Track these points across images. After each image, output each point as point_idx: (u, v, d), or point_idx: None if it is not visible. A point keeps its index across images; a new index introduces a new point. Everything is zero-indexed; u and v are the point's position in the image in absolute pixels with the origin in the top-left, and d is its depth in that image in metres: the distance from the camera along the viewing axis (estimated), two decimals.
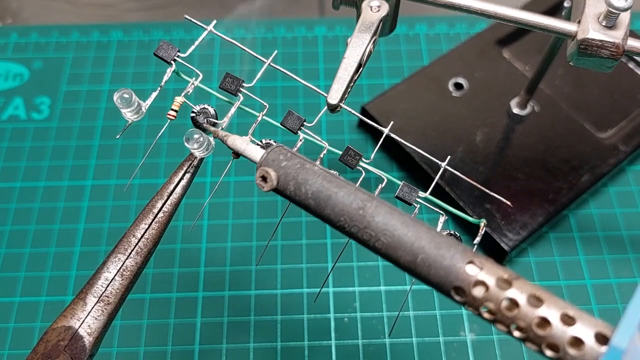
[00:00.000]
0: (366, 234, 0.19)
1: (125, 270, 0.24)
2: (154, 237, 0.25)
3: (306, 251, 0.41)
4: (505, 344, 0.37)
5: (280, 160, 0.21)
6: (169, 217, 0.25)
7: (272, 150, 0.21)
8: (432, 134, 0.43)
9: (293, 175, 0.20)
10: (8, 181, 0.43)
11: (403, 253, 0.19)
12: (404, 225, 0.19)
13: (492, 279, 0.18)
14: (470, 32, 0.51)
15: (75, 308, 0.23)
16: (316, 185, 0.20)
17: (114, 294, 0.24)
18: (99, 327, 0.23)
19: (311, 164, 0.21)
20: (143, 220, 0.25)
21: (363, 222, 0.19)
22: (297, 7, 0.58)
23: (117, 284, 0.24)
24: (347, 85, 0.26)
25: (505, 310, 0.18)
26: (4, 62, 0.50)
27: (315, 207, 0.20)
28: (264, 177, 0.21)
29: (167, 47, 0.25)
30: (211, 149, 0.25)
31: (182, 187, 0.25)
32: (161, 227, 0.25)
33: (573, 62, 0.28)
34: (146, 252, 0.24)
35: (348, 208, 0.20)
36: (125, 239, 0.25)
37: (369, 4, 0.28)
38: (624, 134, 0.43)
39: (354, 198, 0.20)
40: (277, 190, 0.21)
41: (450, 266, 0.18)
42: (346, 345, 0.37)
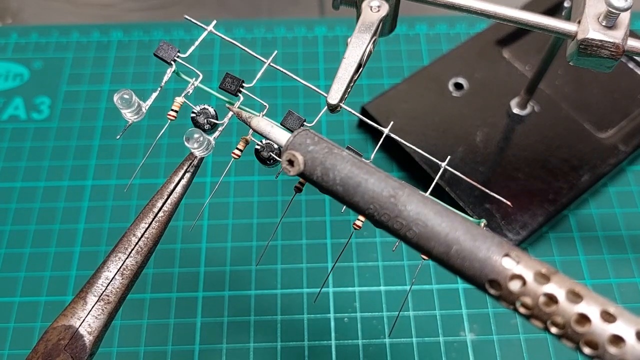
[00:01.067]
0: (397, 223, 0.19)
1: (125, 269, 0.24)
2: (154, 236, 0.25)
3: (306, 251, 0.41)
4: (505, 344, 0.37)
5: (307, 144, 0.20)
6: (169, 217, 0.25)
7: (299, 134, 0.20)
8: (432, 134, 0.43)
9: (320, 160, 0.20)
10: (8, 181, 0.43)
11: (436, 244, 0.18)
12: (438, 215, 0.19)
13: (529, 273, 0.17)
14: (470, 32, 0.51)
15: (76, 307, 0.23)
16: (345, 171, 0.19)
17: (114, 292, 0.24)
18: (99, 326, 0.23)
19: (339, 149, 0.20)
20: (143, 219, 0.25)
21: (394, 210, 0.19)
22: (297, 7, 0.58)
23: (118, 282, 0.24)
24: (347, 85, 0.26)
25: (542, 306, 0.17)
26: (4, 62, 0.50)
27: (344, 194, 0.20)
28: (290, 160, 0.20)
29: (167, 47, 0.25)
30: (211, 148, 0.25)
31: (182, 187, 0.25)
32: (161, 227, 0.25)
33: (573, 62, 0.28)
34: (146, 251, 0.25)
35: (378, 196, 0.19)
36: (126, 238, 0.25)
37: (369, 4, 0.28)
38: (624, 133, 0.43)
39: (385, 185, 0.19)
40: (304, 175, 0.20)
41: (486, 258, 0.18)
42: (346, 345, 0.37)
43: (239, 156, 0.25)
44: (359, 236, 0.41)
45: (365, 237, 0.41)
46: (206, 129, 0.26)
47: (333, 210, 0.42)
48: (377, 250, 0.41)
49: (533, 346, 0.37)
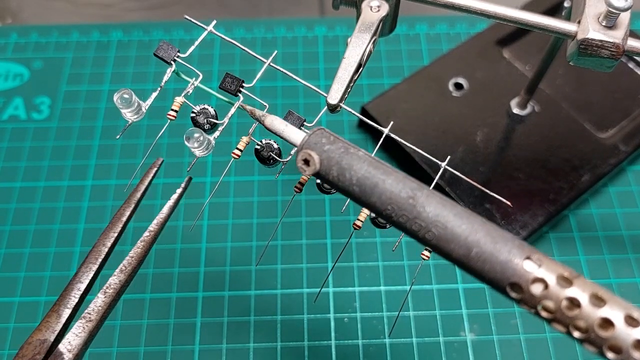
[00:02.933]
0: (415, 225, 0.19)
1: (108, 288, 0.24)
2: (139, 255, 0.25)
3: (306, 251, 0.41)
4: (506, 344, 0.37)
5: (323, 144, 0.20)
6: (154, 237, 0.26)
7: (314, 133, 0.20)
8: (432, 134, 0.43)
9: (337, 159, 0.19)
10: (8, 181, 0.43)
11: (456, 246, 0.18)
12: (457, 217, 0.18)
13: (552, 277, 0.17)
14: (470, 32, 0.51)
15: (50, 321, 0.23)
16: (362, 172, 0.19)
17: (96, 311, 0.24)
18: (79, 344, 0.23)
19: (355, 149, 0.20)
20: (112, 229, 0.25)
21: (413, 212, 0.19)
22: (297, 7, 0.58)
23: (100, 301, 0.24)
24: (347, 85, 0.26)
25: (565, 310, 0.17)
26: (4, 62, 0.50)
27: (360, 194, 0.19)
28: (306, 160, 0.20)
29: (167, 47, 0.25)
30: (211, 148, 0.25)
31: (168, 208, 0.26)
32: (146, 246, 0.25)
33: (573, 62, 0.28)
34: (130, 270, 0.25)
35: (396, 197, 0.19)
36: (96, 249, 0.25)
37: (369, 4, 0.28)
38: (625, 133, 0.43)
39: (403, 186, 0.19)
40: (319, 175, 0.20)
41: (507, 261, 0.17)
42: (346, 346, 0.37)
43: (239, 156, 0.25)
44: (359, 236, 0.41)
45: (366, 237, 0.41)
46: (206, 129, 0.26)
47: (333, 210, 0.42)
48: (377, 250, 0.41)
49: (533, 346, 0.37)
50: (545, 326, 0.38)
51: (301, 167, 0.20)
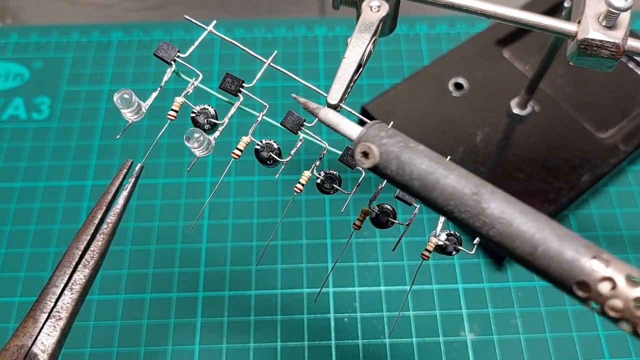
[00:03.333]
0: (479, 221, 0.18)
1: (74, 284, 0.24)
2: (100, 248, 0.25)
3: (306, 251, 0.41)
4: (506, 344, 0.37)
5: (382, 137, 0.19)
6: (113, 228, 0.25)
7: (372, 126, 0.20)
8: (432, 134, 0.43)
9: (396, 153, 0.19)
10: (8, 181, 0.43)
11: (521, 244, 0.18)
12: (523, 214, 0.18)
13: (620, 276, 0.17)
14: (470, 32, 0.51)
15: (27, 326, 0.23)
16: (422, 166, 0.19)
17: (64, 308, 0.24)
18: (52, 342, 0.23)
19: (415, 143, 0.20)
20: (84, 232, 0.25)
21: (476, 208, 0.18)
22: (297, 7, 0.58)
23: (67, 298, 0.24)
24: (347, 85, 0.26)
25: (634, 309, 0.17)
26: (4, 62, 0.50)
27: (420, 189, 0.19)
28: (365, 152, 0.19)
29: (167, 47, 0.25)
30: (211, 148, 0.25)
31: (123, 198, 0.26)
32: (107, 239, 0.25)
33: (573, 62, 0.28)
34: (93, 264, 0.25)
35: (459, 193, 0.18)
36: (69, 252, 0.25)
37: (369, 4, 0.28)
38: (625, 133, 0.43)
39: (466, 182, 0.19)
40: (377, 169, 0.19)
41: (574, 260, 0.17)
42: (346, 346, 0.37)
43: (239, 156, 0.25)
44: (359, 236, 0.41)
45: (366, 237, 0.41)
46: (206, 129, 0.26)
47: (333, 210, 0.42)
48: (377, 250, 0.41)
49: (533, 346, 0.37)
50: (545, 326, 0.38)
51: (359, 160, 0.20)
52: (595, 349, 0.37)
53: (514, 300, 0.39)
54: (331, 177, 0.25)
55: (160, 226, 0.41)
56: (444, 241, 0.25)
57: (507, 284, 0.39)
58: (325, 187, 0.26)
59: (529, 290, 0.39)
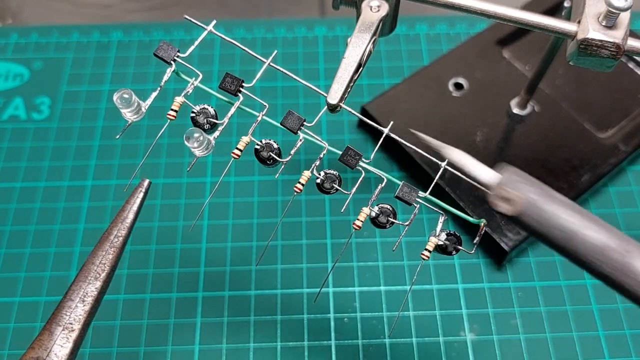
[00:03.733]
0: (624, 276, 0.18)
1: (86, 296, 0.25)
2: (110, 261, 0.25)
3: (306, 251, 0.41)
4: (506, 344, 0.37)
5: (522, 183, 0.19)
6: (124, 241, 0.26)
7: (510, 171, 0.19)
8: (432, 134, 0.42)
9: (538, 202, 0.18)
10: (8, 181, 0.43)
11: None
12: None
13: None
14: (470, 32, 0.51)
15: (42, 339, 0.24)
16: (564, 216, 0.18)
17: (77, 320, 0.24)
18: (65, 354, 0.24)
19: (554, 192, 0.19)
20: (101, 248, 0.26)
21: (622, 263, 0.17)
22: (297, 7, 0.58)
23: (80, 310, 0.24)
24: (347, 85, 0.26)
25: None
26: (4, 62, 0.50)
27: (562, 241, 0.18)
28: (507, 199, 0.19)
29: (167, 47, 0.25)
30: (211, 148, 0.25)
31: (133, 212, 0.26)
32: (117, 252, 0.26)
33: (573, 62, 0.28)
34: (105, 276, 0.25)
35: (604, 247, 0.18)
36: (86, 268, 0.25)
37: (368, 4, 0.28)
38: (625, 133, 0.43)
39: (610, 235, 0.18)
40: (518, 217, 0.19)
41: None
42: (346, 346, 0.37)
43: (239, 156, 0.25)
44: (359, 236, 0.41)
45: (366, 237, 0.41)
46: (206, 129, 0.26)
47: (333, 211, 0.42)
48: (377, 250, 0.41)
49: (533, 346, 0.37)
50: (545, 326, 0.38)
51: (500, 205, 0.19)
52: (596, 349, 0.37)
53: (514, 300, 0.39)
54: (331, 177, 0.25)
55: (160, 226, 0.41)
56: (444, 241, 0.25)
57: (507, 284, 0.39)
58: (325, 187, 0.26)
59: (529, 291, 0.39)
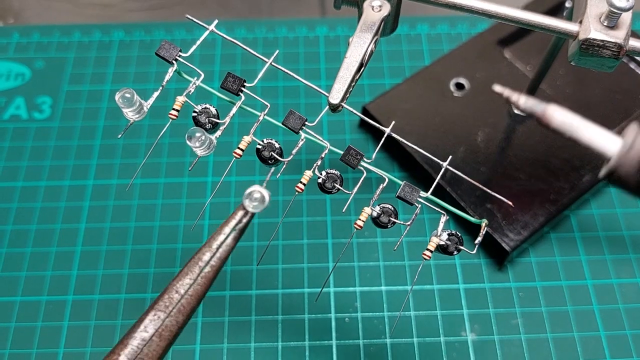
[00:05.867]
0: None
1: (164, 330, 0.21)
2: (198, 293, 0.22)
3: (307, 251, 0.41)
4: (507, 344, 0.37)
5: None
6: (216, 271, 0.22)
7: None
8: (433, 134, 0.43)
9: None
10: (9, 181, 0.44)
11: None
12: None
13: None
14: (471, 32, 0.51)
15: None
16: None
17: (149, 356, 0.21)
18: None
19: None
20: (188, 274, 0.22)
21: None
22: (299, 7, 0.58)
23: (155, 345, 0.21)
24: (348, 85, 0.26)
25: None
26: (5, 61, 0.50)
27: None
28: None
29: (169, 46, 0.25)
30: (213, 147, 0.25)
31: (232, 239, 0.23)
32: (207, 283, 0.22)
33: (574, 62, 0.28)
34: (189, 310, 0.22)
35: None
36: (167, 295, 0.22)
37: (370, 4, 0.28)
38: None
39: None
40: None
41: None
42: (347, 345, 0.37)
43: (240, 156, 0.25)
44: (360, 236, 0.41)
45: (367, 237, 0.41)
46: (208, 128, 0.26)
47: (334, 210, 0.42)
48: (378, 250, 0.41)
49: (534, 346, 0.37)
50: (546, 326, 0.38)
51: None
52: (597, 349, 0.37)
53: (515, 300, 0.39)
54: (332, 176, 0.25)
55: (162, 226, 0.41)
56: (446, 241, 0.25)
57: (508, 284, 0.39)
58: (326, 186, 0.26)
59: (530, 291, 0.39)
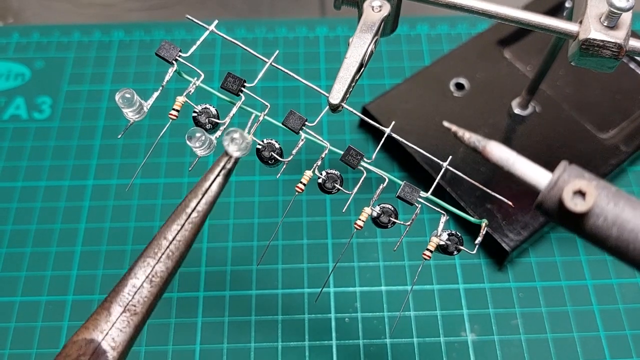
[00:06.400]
0: None
1: (154, 276, 0.21)
2: (187, 239, 0.22)
3: (307, 251, 0.41)
4: (506, 345, 0.37)
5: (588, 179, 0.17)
6: (203, 218, 0.23)
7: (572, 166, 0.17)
8: (433, 134, 0.43)
9: (609, 202, 0.16)
10: (9, 181, 0.43)
11: None
12: None
13: None
14: (471, 32, 0.51)
15: (99, 319, 0.20)
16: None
17: (141, 302, 0.21)
18: (124, 339, 0.20)
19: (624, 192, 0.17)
20: (175, 220, 0.22)
21: None
22: (299, 7, 0.58)
23: (146, 291, 0.21)
24: (348, 85, 0.26)
25: None
26: (5, 61, 0.50)
27: None
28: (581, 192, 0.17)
29: (169, 46, 0.25)
30: (213, 147, 0.25)
31: (218, 185, 0.23)
32: (195, 229, 0.22)
33: (574, 63, 0.28)
34: (178, 255, 0.22)
35: None
36: (155, 242, 0.22)
37: (370, 4, 0.28)
38: (625, 134, 0.43)
39: None
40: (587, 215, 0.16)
41: None
42: (347, 345, 0.37)
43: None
44: (360, 236, 0.41)
45: (367, 237, 0.41)
46: (208, 129, 0.26)
47: (334, 211, 0.42)
48: (378, 251, 0.41)
49: (534, 347, 0.37)
50: (546, 327, 0.38)
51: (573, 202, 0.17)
52: (597, 349, 0.37)
53: (515, 300, 0.39)
54: (332, 176, 0.25)
55: (161, 226, 0.41)
56: (446, 241, 0.25)
57: (508, 284, 0.39)
58: (326, 186, 0.26)
59: (530, 291, 0.39)
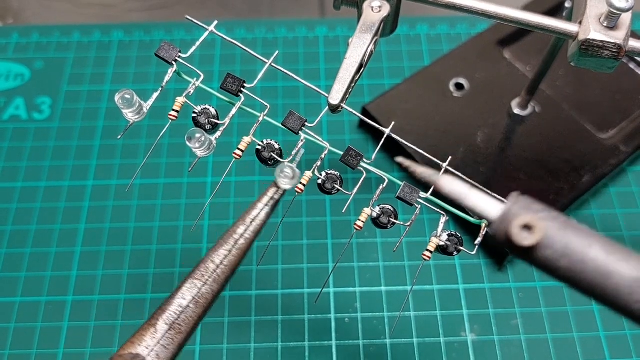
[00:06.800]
0: None
1: (200, 297, 0.23)
2: (232, 263, 0.24)
3: (307, 251, 0.41)
4: (506, 345, 0.37)
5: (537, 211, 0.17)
6: (249, 244, 0.24)
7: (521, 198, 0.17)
8: (433, 135, 0.43)
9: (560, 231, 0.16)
10: (9, 181, 0.43)
11: None
12: None
13: None
14: (471, 32, 0.51)
15: (145, 335, 0.22)
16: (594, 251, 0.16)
17: (186, 322, 0.22)
18: (167, 357, 0.21)
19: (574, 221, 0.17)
20: (223, 245, 0.24)
21: None
22: (298, 7, 0.58)
23: (191, 311, 0.22)
24: (348, 86, 0.26)
25: None
26: (5, 62, 0.50)
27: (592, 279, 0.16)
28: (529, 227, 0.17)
29: (168, 47, 0.25)
30: (212, 148, 0.25)
31: (265, 214, 0.24)
32: (241, 254, 0.24)
33: (574, 63, 0.28)
34: (224, 279, 0.23)
35: None
36: (204, 265, 0.23)
37: (370, 5, 0.28)
38: (625, 134, 0.43)
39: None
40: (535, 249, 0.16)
41: None
42: (347, 346, 0.37)
43: (240, 156, 0.25)
44: (359, 237, 0.41)
45: (366, 238, 0.41)
46: (207, 129, 0.26)
47: (334, 211, 0.42)
48: (378, 251, 0.41)
49: (534, 347, 0.37)
50: (546, 327, 0.38)
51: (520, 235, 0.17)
52: (596, 349, 0.37)
53: (515, 300, 0.39)
54: (332, 177, 0.25)
55: (161, 226, 0.41)
56: (445, 241, 0.25)
57: (507, 284, 0.39)
58: (326, 187, 0.26)
59: (529, 291, 0.39)
